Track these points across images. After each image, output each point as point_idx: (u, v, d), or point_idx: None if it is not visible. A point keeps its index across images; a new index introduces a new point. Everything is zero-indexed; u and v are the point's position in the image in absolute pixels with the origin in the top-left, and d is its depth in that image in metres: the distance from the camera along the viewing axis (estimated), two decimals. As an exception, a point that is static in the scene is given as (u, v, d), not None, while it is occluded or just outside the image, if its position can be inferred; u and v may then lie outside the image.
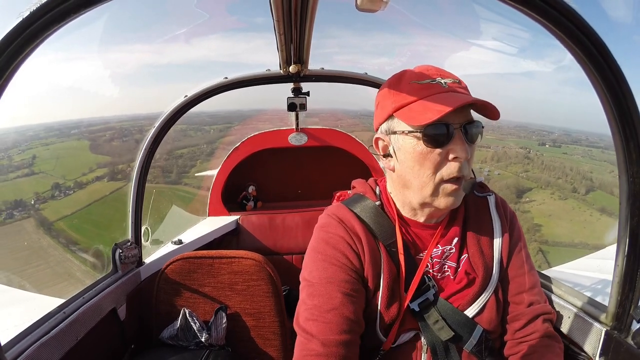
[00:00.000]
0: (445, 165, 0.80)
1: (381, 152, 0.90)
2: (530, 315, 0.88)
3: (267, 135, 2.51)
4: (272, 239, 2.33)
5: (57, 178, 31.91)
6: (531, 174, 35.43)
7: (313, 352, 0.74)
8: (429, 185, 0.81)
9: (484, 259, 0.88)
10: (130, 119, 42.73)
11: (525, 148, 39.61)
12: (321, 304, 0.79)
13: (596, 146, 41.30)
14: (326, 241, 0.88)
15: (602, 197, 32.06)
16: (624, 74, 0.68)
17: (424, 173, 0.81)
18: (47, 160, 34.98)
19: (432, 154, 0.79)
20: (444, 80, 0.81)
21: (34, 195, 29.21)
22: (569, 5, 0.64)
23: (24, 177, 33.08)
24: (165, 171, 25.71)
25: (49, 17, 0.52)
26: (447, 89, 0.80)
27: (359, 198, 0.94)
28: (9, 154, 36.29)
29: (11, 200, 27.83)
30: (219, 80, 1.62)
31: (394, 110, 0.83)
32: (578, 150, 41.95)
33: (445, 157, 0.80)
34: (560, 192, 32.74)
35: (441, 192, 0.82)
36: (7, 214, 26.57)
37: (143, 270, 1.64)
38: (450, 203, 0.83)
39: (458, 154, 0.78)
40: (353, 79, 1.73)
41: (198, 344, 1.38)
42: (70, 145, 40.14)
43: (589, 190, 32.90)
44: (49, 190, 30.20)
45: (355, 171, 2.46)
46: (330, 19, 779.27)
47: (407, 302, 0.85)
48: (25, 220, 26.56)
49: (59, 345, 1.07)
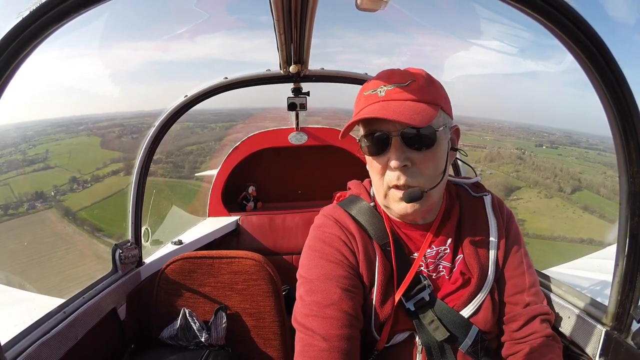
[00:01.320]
0: (387, 173, 0.82)
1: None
2: (527, 316, 0.87)
3: (267, 134, 2.51)
4: (272, 239, 2.33)
5: (73, 172, 33.82)
6: (521, 174, 36.49)
7: (316, 347, 0.74)
8: (381, 191, 0.85)
9: (479, 259, 0.88)
10: (135, 116, 44.51)
11: (521, 149, 40.18)
12: (320, 299, 0.79)
13: (595, 148, 41.98)
14: (322, 240, 0.88)
15: (588, 197, 33.27)
16: (624, 74, 0.68)
17: (376, 178, 0.85)
18: (60, 155, 37.29)
19: (374, 162, 0.83)
20: (385, 88, 0.80)
21: (53, 187, 31.27)
22: (570, 5, 0.64)
23: (41, 171, 35.12)
24: (177, 166, 27.29)
25: (48, 16, 0.52)
26: (382, 97, 0.79)
27: (354, 199, 0.95)
28: (20, 148, 38.08)
29: (32, 192, 29.52)
30: (219, 80, 1.62)
31: (352, 120, 0.85)
32: (574, 152, 42.86)
33: (386, 164, 0.81)
34: (547, 191, 33.80)
35: (391, 199, 0.83)
36: (30, 204, 28.31)
37: (143, 270, 1.64)
38: (403, 210, 0.82)
39: (392, 162, 0.79)
40: (353, 79, 1.73)
41: (198, 344, 1.38)
42: (81, 141, 42.15)
43: (575, 190, 34.03)
44: (67, 184, 32.25)
45: (355, 171, 2.45)
46: (331, 17, 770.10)
47: (399, 298, 0.85)
48: (47, 211, 28.36)
49: (58, 344, 1.07)
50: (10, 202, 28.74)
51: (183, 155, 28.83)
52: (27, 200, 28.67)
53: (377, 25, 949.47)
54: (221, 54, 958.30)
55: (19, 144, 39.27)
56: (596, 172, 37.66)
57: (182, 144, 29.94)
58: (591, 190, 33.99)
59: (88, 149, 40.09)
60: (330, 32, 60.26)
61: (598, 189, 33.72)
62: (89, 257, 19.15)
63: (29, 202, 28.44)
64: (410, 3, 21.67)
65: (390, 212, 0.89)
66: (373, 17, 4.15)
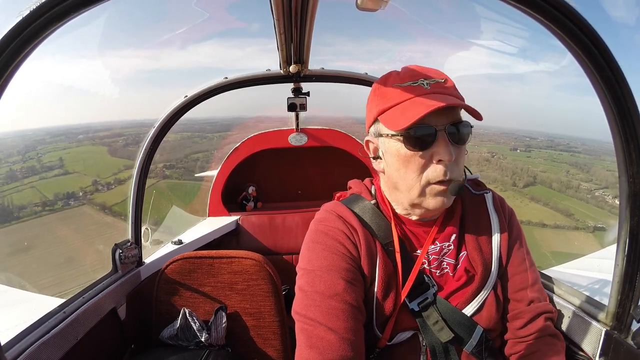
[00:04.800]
0: (430, 168, 0.79)
1: (372, 154, 0.91)
2: (531, 314, 0.87)
3: (267, 135, 2.51)
4: (272, 239, 2.33)
5: (92, 176, 37.84)
6: (484, 173, 41.60)
7: (324, 339, 0.73)
8: (416, 187, 0.81)
9: (483, 255, 0.88)
10: (130, 125, 49.57)
11: (492, 153, 44.52)
12: (323, 290, 0.78)
13: (572, 150, 47.37)
14: (325, 233, 0.87)
15: (540, 190, 38.73)
16: (624, 74, 0.68)
17: (410, 176, 0.81)
18: (74, 162, 41.56)
19: (415, 157, 0.79)
20: (426, 81, 0.80)
21: (80, 189, 35.72)
22: (570, 5, 0.64)
23: (61, 176, 40.00)
24: (188, 170, 30.78)
25: (48, 16, 0.52)
26: (429, 90, 0.79)
27: (356, 198, 0.95)
28: (29, 156, 42.57)
29: (63, 193, 34.39)
30: (219, 80, 1.62)
31: (378, 115, 0.83)
32: (546, 154, 46.99)
33: (430, 159, 0.79)
34: (502, 185, 38.91)
35: (428, 194, 0.81)
36: (64, 202, 33.40)
37: (143, 270, 1.64)
38: (440, 204, 0.82)
39: (442, 156, 0.77)
40: (353, 79, 1.73)
41: (198, 344, 1.38)
42: (88, 150, 45.83)
43: (528, 185, 39.61)
44: (91, 186, 36.14)
45: (355, 171, 2.45)
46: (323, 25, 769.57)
47: (404, 297, 0.84)
48: (82, 207, 32.98)
49: (59, 345, 1.07)
50: (47, 200, 33.45)
51: (192, 162, 32.10)
52: (60, 199, 33.55)
53: (369, 33, 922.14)
54: (214, 62, 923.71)
55: (25, 151, 43.05)
56: (559, 170, 43.33)
57: (189, 152, 33.74)
58: (544, 185, 39.93)
59: (97, 156, 43.69)
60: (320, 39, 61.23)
61: (551, 184, 39.81)
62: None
63: (63, 201, 33.38)
64: (411, 3, 21.76)
65: (415, 209, 0.86)
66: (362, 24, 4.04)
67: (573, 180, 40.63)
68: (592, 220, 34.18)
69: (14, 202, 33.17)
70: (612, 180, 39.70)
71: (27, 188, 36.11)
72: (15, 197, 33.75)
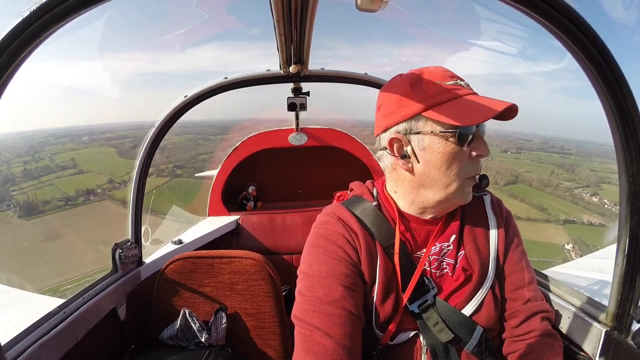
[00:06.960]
0: (470, 164, 0.83)
1: (396, 154, 0.86)
2: (527, 313, 0.88)
3: (267, 135, 2.50)
4: (272, 239, 2.33)
5: (107, 175, 40.30)
6: None
7: (320, 344, 0.74)
8: (455, 183, 0.83)
9: (480, 255, 0.89)
10: (131, 127, 52.51)
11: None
12: (322, 295, 0.79)
13: (564, 152, 49.47)
14: (325, 237, 0.88)
15: (519, 188, 40.52)
16: (624, 74, 0.68)
17: (452, 172, 0.82)
18: (86, 162, 44.57)
19: (461, 153, 0.81)
20: (463, 82, 0.83)
21: (97, 186, 38.39)
22: (570, 5, 0.64)
23: (76, 175, 43.04)
24: (197, 170, 32.24)
25: (49, 16, 0.52)
26: (470, 91, 0.82)
27: (357, 200, 0.95)
28: (40, 156, 45.62)
29: (83, 189, 37.53)
30: (219, 80, 1.62)
31: (423, 110, 0.80)
32: (536, 155, 49.12)
33: (469, 155, 0.82)
34: None
35: (466, 188, 0.85)
36: (85, 197, 36.86)
37: (143, 270, 1.64)
38: (470, 197, 0.87)
39: (482, 151, 0.82)
40: (353, 79, 1.73)
41: (198, 344, 1.38)
42: (96, 151, 48.75)
43: (509, 183, 41.60)
44: (107, 184, 38.72)
45: (355, 171, 2.46)
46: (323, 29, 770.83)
47: (405, 301, 0.85)
48: (103, 202, 36.09)
49: (58, 345, 1.07)
50: (68, 196, 36.82)
51: (200, 162, 33.92)
52: (81, 195, 36.97)
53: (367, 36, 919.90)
54: (214, 66, 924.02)
55: (34, 152, 46.42)
56: (544, 171, 45.41)
57: (195, 154, 35.98)
58: (524, 184, 41.93)
59: (107, 157, 46.24)
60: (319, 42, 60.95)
61: (531, 183, 41.89)
62: (152, 225, 25.30)
63: (84, 196, 36.78)
64: (411, 3, 21.60)
65: (442, 204, 0.87)
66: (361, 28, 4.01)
67: (554, 179, 42.29)
68: (564, 214, 36.09)
69: (38, 197, 36.06)
70: (594, 179, 42.17)
71: (46, 185, 39.13)
72: (38, 194, 36.73)
